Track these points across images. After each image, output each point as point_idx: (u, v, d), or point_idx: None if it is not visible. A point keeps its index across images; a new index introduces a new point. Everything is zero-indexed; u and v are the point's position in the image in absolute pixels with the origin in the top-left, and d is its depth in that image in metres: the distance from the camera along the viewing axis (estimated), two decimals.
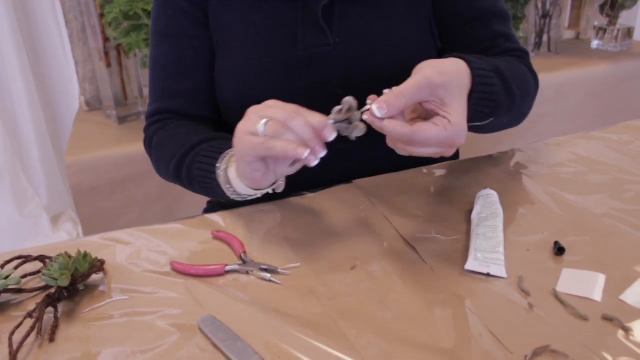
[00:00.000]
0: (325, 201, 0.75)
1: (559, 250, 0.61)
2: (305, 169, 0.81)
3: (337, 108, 0.59)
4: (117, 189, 1.49)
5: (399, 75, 0.69)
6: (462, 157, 0.97)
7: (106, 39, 1.57)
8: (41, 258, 0.63)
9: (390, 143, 0.59)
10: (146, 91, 1.64)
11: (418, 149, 0.57)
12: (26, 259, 0.63)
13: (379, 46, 0.77)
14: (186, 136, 0.78)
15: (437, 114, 0.57)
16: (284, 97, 0.68)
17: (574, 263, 0.60)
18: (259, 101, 0.65)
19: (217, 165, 0.68)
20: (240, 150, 0.61)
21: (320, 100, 0.63)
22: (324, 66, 0.77)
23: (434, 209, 0.71)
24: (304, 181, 0.80)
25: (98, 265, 0.60)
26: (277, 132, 0.57)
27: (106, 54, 1.59)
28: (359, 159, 0.82)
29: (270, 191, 0.66)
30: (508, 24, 0.86)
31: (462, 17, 0.83)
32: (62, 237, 2.00)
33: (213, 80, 0.84)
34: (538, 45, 2.06)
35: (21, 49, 1.86)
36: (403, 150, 0.58)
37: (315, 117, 0.58)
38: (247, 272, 0.60)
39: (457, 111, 0.57)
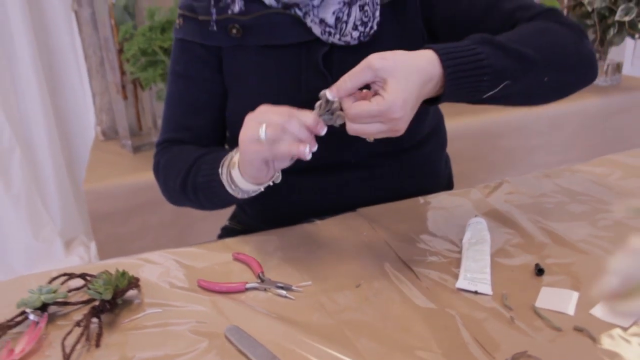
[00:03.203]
0: (332, 227, 0.84)
1: (539, 271, 0.70)
2: (314, 201, 0.91)
3: (318, 103, 0.68)
4: (132, 215, 1.58)
5: None
6: (456, 187, 1.06)
7: (123, 73, 1.68)
8: (83, 275, 0.72)
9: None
10: (160, 122, 1.75)
11: (360, 125, 0.64)
12: (70, 276, 0.72)
13: None
14: (188, 153, 0.87)
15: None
16: None
17: (552, 282, 0.68)
18: None
19: (219, 170, 0.76)
20: (247, 157, 0.69)
21: (323, 138, 0.72)
22: None
23: (429, 234, 0.80)
24: (313, 210, 0.89)
25: (134, 282, 0.69)
26: (277, 136, 0.66)
27: (123, 87, 1.70)
28: (363, 189, 0.91)
29: (271, 183, 0.74)
30: None
31: (472, 17, 0.84)
32: (75, 261, 2.08)
33: (221, 118, 0.94)
34: None
35: (41, 82, 1.98)
36: (350, 129, 0.65)
37: (308, 116, 0.67)
38: (265, 289, 0.69)
39: (393, 89, 0.62)
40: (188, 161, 0.84)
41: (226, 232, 1.08)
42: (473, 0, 0.83)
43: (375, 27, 0.83)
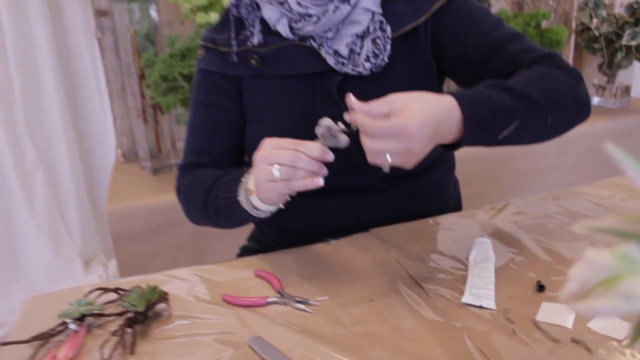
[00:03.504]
0: (347, 247, 0.90)
1: (540, 287, 0.76)
2: (329, 222, 0.97)
3: (320, 132, 0.74)
4: (151, 235, 1.65)
5: None
6: (466, 208, 1.12)
7: (143, 98, 1.77)
8: (116, 290, 0.78)
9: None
10: (179, 144, 1.84)
11: (377, 142, 0.69)
12: (105, 290, 0.78)
13: None
14: (207, 176, 0.93)
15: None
16: None
17: (552, 298, 0.74)
18: None
19: (239, 199, 0.83)
20: (266, 194, 0.77)
21: (335, 162, 0.78)
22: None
23: (437, 253, 0.86)
24: (328, 230, 0.96)
25: (164, 296, 0.75)
26: (291, 174, 0.74)
27: (143, 111, 1.79)
28: (375, 211, 0.98)
29: (289, 197, 0.80)
30: (523, 40, 0.90)
31: (480, 54, 0.90)
32: (93, 280, 2.15)
33: (240, 144, 1.01)
34: None
35: (64, 106, 2.07)
36: (368, 146, 0.69)
37: (314, 149, 0.73)
38: (284, 303, 0.76)
39: (410, 111, 0.68)
40: (207, 184, 0.91)
41: (245, 252, 1.14)
42: (480, 41, 0.89)
43: (386, 60, 0.90)
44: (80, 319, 0.72)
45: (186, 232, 1.66)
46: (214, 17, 1.65)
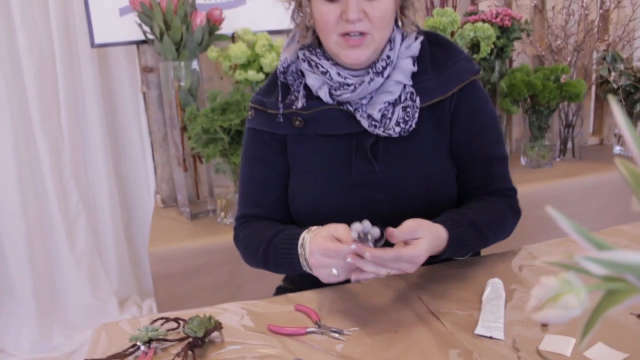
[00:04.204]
0: (375, 285, 1.05)
1: (544, 324, 0.89)
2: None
3: (356, 235, 0.89)
4: (189, 276, 1.82)
5: (425, 195, 1.03)
6: (485, 252, 1.26)
7: (184, 147, 1.96)
8: (176, 319, 0.94)
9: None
10: (216, 191, 2.01)
11: (397, 264, 0.90)
12: (167, 319, 0.94)
13: (412, 173, 1.10)
14: (263, 232, 1.10)
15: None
16: (341, 210, 1.03)
17: (555, 331, 0.88)
18: (323, 211, 1.03)
19: (298, 254, 0.99)
20: (328, 280, 0.94)
21: (367, 213, 0.94)
22: (371, 188, 1.10)
23: (455, 291, 1.01)
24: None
25: (218, 325, 0.91)
26: (348, 274, 0.91)
27: (184, 160, 1.99)
28: None
29: None
30: (505, 165, 1.18)
31: (471, 158, 1.14)
32: None
33: (287, 192, 1.18)
34: (563, 151, 2.38)
35: (108, 155, 2.29)
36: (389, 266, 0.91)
37: (361, 250, 0.89)
38: (321, 333, 0.91)
39: (424, 245, 0.91)
40: (264, 242, 1.08)
41: (281, 292, 1.30)
42: (479, 146, 1.14)
43: (414, 126, 1.08)
44: (148, 342, 0.88)
45: (221, 274, 1.82)
46: (251, 74, 1.85)
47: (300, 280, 1.24)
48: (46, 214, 2.27)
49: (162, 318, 0.95)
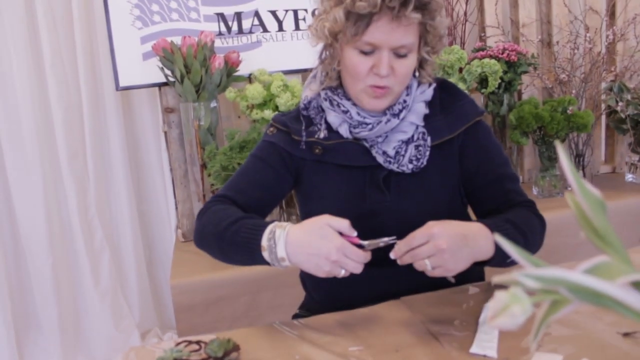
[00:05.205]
0: (381, 310, 1.16)
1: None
2: (368, 290, 1.23)
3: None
4: (210, 308, 1.94)
5: None
6: (487, 278, 1.36)
7: (203, 184, 2.11)
8: (198, 342, 1.07)
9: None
10: None
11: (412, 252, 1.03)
12: (189, 342, 1.07)
13: (421, 204, 1.22)
14: (234, 211, 1.16)
15: None
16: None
17: (545, 350, 0.98)
18: None
19: (262, 244, 1.06)
20: (312, 270, 1.05)
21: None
22: (383, 216, 1.22)
23: (453, 314, 1.11)
24: (369, 296, 1.21)
25: (237, 347, 1.03)
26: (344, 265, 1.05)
27: (204, 195, 2.13)
28: (406, 281, 1.23)
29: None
30: (517, 183, 1.28)
31: (485, 180, 1.25)
32: None
33: (272, 205, 1.29)
34: None
35: (130, 192, 2.45)
36: (408, 258, 1.04)
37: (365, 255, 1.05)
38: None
39: (439, 232, 1.01)
40: (233, 217, 1.12)
41: (296, 317, 1.41)
42: (489, 170, 1.25)
43: (425, 163, 1.21)
44: None
45: (241, 305, 1.94)
46: (267, 113, 2.00)
47: (315, 306, 1.35)
48: (72, 250, 2.43)
49: (185, 341, 1.08)
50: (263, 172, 1.27)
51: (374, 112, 1.21)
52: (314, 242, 1.04)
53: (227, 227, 1.13)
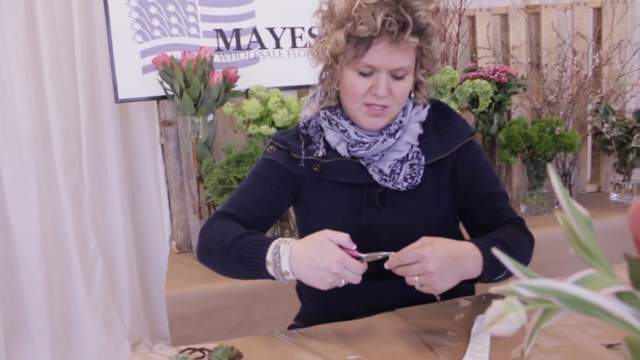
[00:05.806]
0: (375, 321, 1.22)
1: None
2: (365, 302, 1.28)
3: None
4: (204, 319, 1.98)
5: None
6: (477, 292, 1.42)
7: (199, 196, 2.15)
8: (201, 349, 1.11)
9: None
10: None
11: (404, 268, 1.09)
12: (193, 349, 1.11)
13: (415, 220, 1.28)
14: (237, 227, 1.22)
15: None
16: None
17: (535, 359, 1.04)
18: None
19: (267, 259, 1.12)
20: (314, 285, 1.10)
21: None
22: (379, 232, 1.28)
23: (447, 325, 1.17)
24: (366, 308, 1.27)
25: (239, 354, 1.08)
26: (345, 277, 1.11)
27: (199, 208, 2.17)
28: (400, 294, 1.29)
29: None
30: (507, 201, 1.34)
31: (476, 197, 1.31)
32: None
33: (271, 221, 1.34)
34: None
35: (125, 202, 2.49)
36: (400, 272, 1.10)
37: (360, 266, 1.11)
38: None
39: (429, 254, 1.06)
40: (237, 233, 1.19)
41: (293, 327, 1.46)
42: (481, 187, 1.31)
43: (419, 181, 1.27)
44: None
45: (235, 316, 1.98)
46: (264, 129, 2.06)
47: (311, 317, 1.40)
48: (65, 259, 2.46)
49: (189, 348, 1.12)
50: (263, 189, 1.33)
51: (372, 131, 1.27)
52: (316, 256, 1.09)
53: (232, 243, 1.18)
